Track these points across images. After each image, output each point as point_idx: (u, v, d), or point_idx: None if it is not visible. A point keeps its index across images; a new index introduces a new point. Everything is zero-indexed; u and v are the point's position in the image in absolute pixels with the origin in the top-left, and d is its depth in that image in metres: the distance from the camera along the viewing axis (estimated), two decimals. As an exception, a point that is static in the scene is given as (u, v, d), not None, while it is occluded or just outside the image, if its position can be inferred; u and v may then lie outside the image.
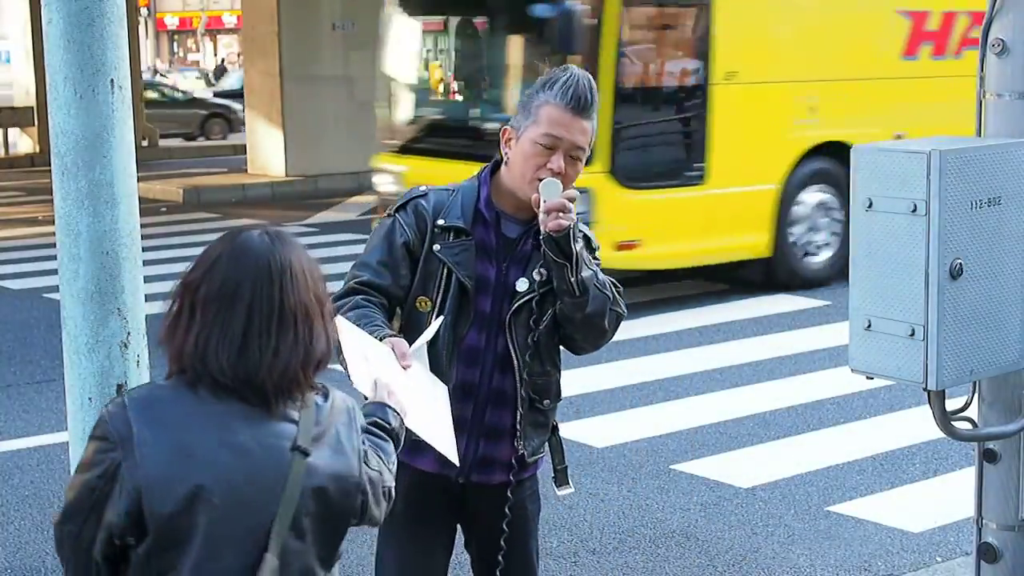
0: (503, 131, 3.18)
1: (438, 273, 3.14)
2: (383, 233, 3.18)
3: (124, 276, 3.24)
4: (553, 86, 3.09)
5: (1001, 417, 3.64)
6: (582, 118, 3.09)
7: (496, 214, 3.18)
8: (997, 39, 3.54)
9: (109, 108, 3.17)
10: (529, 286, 3.16)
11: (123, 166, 3.22)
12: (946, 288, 3.27)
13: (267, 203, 17.75)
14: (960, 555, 5.31)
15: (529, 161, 3.09)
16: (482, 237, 3.16)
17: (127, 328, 3.25)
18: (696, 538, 5.61)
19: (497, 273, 3.16)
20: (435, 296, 3.14)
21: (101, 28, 3.14)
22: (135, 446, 2.24)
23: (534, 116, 3.09)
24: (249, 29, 20.55)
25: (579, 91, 3.08)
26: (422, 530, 3.28)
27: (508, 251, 3.18)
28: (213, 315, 2.28)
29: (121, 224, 3.22)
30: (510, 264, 3.17)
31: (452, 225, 3.14)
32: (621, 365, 8.43)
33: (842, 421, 7.25)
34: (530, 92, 3.17)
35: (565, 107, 3.07)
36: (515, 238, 3.18)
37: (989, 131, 3.61)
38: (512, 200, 3.17)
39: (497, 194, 3.19)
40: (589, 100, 3.09)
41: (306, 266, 2.37)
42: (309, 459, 2.32)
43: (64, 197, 3.20)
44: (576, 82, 3.09)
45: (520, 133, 3.12)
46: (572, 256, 3.07)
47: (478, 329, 3.16)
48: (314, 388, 2.42)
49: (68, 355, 3.26)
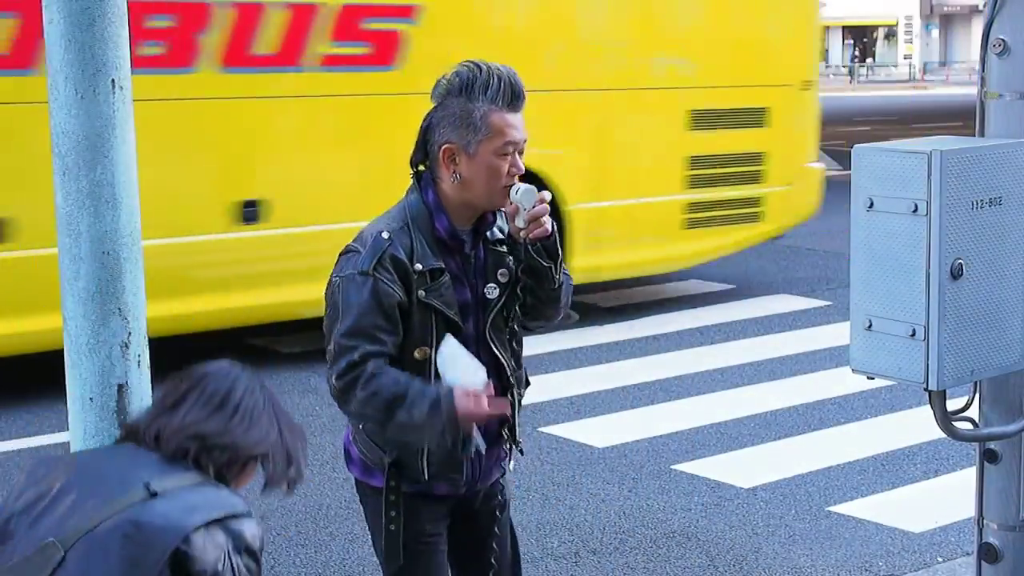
0: (445, 150, 3.05)
1: (427, 319, 3.07)
2: (367, 297, 3.00)
3: (125, 276, 3.24)
4: (485, 91, 3.01)
5: (1002, 417, 3.64)
6: (521, 111, 3.07)
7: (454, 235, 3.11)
8: (998, 39, 3.55)
9: (110, 108, 3.17)
10: (498, 291, 3.16)
11: (124, 166, 3.22)
12: (947, 288, 3.27)
13: (268, 203, 17.73)
14: (961, 555, 5.31)
15: (497, 174, 3.04)
16: (451, 266, 3.11)
17: (128, 328, 3.25)
18: (697, 538, 5.61)
19: (472, 291, 3.15)
20: (430, 341, 3.08)
21: (102, 28, 3.14)
22: None
23: (484, 128, 3.01)
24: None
25: (514, 88, 3.03)
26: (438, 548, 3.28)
27: (470, 266, 3.16)
28: None
29: (122, 224, 3.22)
30: (477, 278, 3.16)
31: (427, 268, 3.05)
32: (622, 365, 8.43)
33: (843, 421, 7.25)
34: (450, 103, 3.05)
35: (507, 107, 3.03)
36: (470, 251, 3.15)
37: (990, 131, 3.61)
38: (464, 214, 3.12)
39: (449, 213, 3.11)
40: (522, 90, 3.05)
41: None
42: None
43: (65, 197, 3.20)
44: (503, 78, 3.02)
45: (472, 149, 3.02)
46: (558, 256, 3.09)
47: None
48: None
49: (69, 355, 3.26)
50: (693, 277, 11.38)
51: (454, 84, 3.04)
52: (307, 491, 6.20)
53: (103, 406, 3.24)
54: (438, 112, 3.06)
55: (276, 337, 9.28)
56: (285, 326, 9.17)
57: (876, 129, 27.58)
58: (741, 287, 10.99)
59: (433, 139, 3.07)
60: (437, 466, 3.13)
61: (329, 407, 7.57)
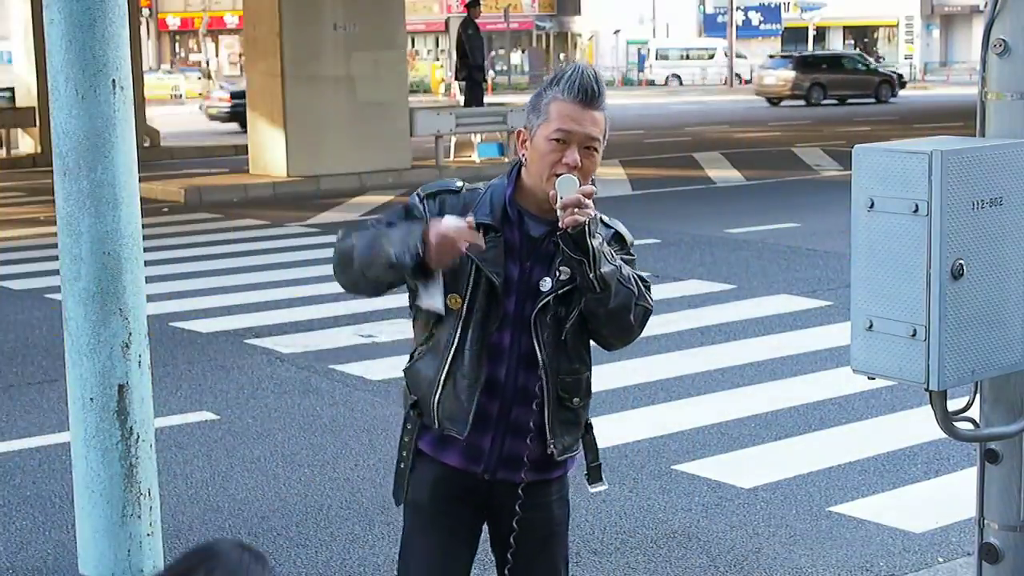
0: (518, 133, 3.21)
1: (466, 270, 3.14)
2: (401, 208, 3.20)
3: (126, 277, 3.25)
4: (559, 82, 3.13)
5: (1003, 417, 3.64)
6: (592, 109, 3.11)
7: (519, 213, 3.19)
8: (999, 39, 3.54)
9: (111, 108, 3.18)
10: (552, 285, 3.16)
11: (125, 166, 3.23)
12: (948, 288, 3.27)
13: (268, 203, 17.75)
14: (962, 555, 5.31)
15: (545, 159, 3.11)
16: (508, 236, 3.18)
17: (128, 328, 3.25)
18: (698, 538, 5.61)
19: (521, 272, 3.18)
20: (464, 293, 3.14)
21: (103, 28, 3.14)
22: None
23: (544, 114, 3.12)
24: (251, 29, 20.56)
25: (584, 83, 3.10)
26: (446, 523, 3.27)
27: (532, 250, 3.19)
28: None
29: (123, 225, 3.23)
30: (533, 263, 3.18)
31: (480, 222, 3.13)
32: (622, 365, 8.43)
33: (844, 421, 7.25)
34: (538, 91, 3.21)
35: (573, 100, 3.09)
36: (538, 237, 3.19)
37: (991, 131, 3.61)
38: (534, 199, 3.18)
39: (520, 194, 3.21)
40: (596, 91, 3.11)
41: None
42: None
43: (66, 197, 3.20)
44: (581, 74, 3.12)
45: (533, 132, 3.14)
46: (589, 252, 3.06)
47: (503, 328, 3.17)
48: None
49: (69, 355, 3.26)
50: (693, 277, 11.38)
51: (550, 77, 3.20)
52: (308, 491, 6.20)
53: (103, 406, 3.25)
54: (529, 100, 3.23)
55: (276, 337, 9.29)
56: (285, 326, 9.19)
57: (876, 129, 27.58)
58: (741, 287, 10.99)
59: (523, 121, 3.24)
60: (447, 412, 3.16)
61: (329, 407, 7.57)
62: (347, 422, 7.28)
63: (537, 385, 3.17)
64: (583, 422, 3.31)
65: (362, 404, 7.60)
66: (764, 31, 67.09)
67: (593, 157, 3.14)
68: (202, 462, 6.68)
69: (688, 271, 11.68)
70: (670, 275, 11.38)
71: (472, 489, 3.25)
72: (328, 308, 10.21)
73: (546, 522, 3.30)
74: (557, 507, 3.33)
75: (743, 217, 15.09)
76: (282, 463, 6.63)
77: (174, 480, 6.29)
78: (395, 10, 20.79)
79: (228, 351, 9.04)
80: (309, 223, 15.55)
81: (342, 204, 17.28)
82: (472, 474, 3.22)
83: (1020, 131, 3.53)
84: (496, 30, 51.60)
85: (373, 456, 6.63)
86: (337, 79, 19.63)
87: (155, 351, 3.91)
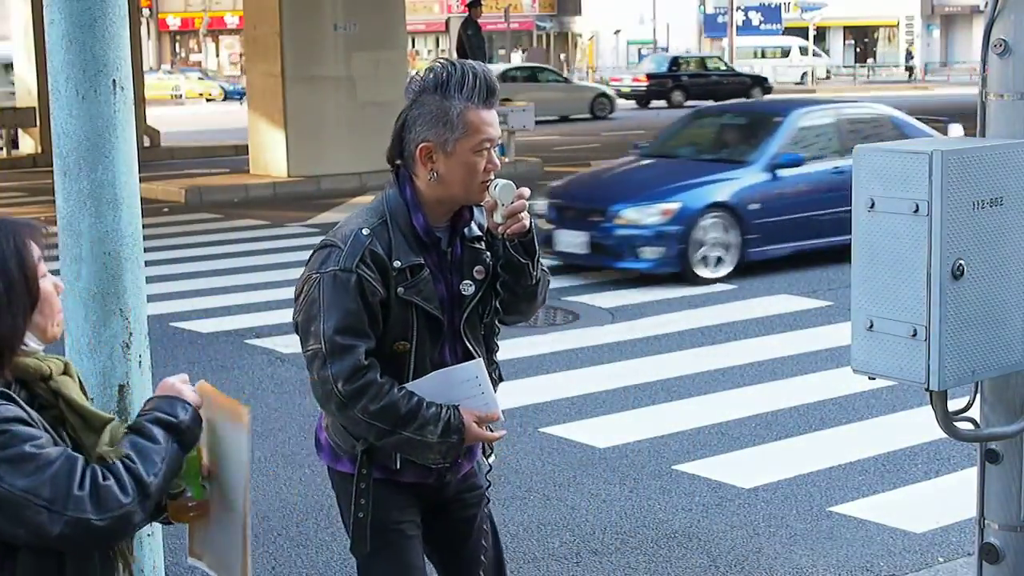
0: (421, 149, 3.05)
1: (406, 314, 3.08)
2: (353, 295, 3.01)
3: (126, 277, 3.25)
4: (460, 89, 3.01)
5: (1003, 417, 3.64)
6: (495, 106, 3.08)
7: (436, 234, 3.14)
8: (999, 39, 3.54)
9: (111, 109, 3.18)
10: (475, 288, 3.17)
11: (125, 166, 3.22)
12: (948, 288, 3.27)
13: (269, 203, 17.75)
14: (962, 556, 5.30)
15: (474, 171, 3.06)
16: (430, 263, 3.13)
17: (129, 329, 3.26)
18: (698, 538, 5.61)
19: (447, 286, 3.17)
20: (410, 335, 3.10)
21: (103, 28, 3.14)
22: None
23: (460, 126, 3.02)
24: (251, 30, 20.56)
25: (489, 84, 3.04)
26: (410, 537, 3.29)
27: (449, 262, 3.17)
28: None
29: (123, 225, 3.23)
30: (453, 273, 3.17)
31: (407, 264, 3.07)
32: (623, 365, 8.43)
33: (844, 421, 7.25)
34: (426, 100, 3.04)
35: (483, 105, 3.03)
36: (447, 247, 3.17)
37: (991, 131, 3.61)
38: (439, 211, 3.13)
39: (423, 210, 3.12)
40: (496, 85, 3.07)
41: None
42: None
43: (66, 198, 3.20)
44: (483, 77, 3.03)
45: (450, 146, 3.03)
46: (536, 254, 3.10)
47: (444, 345, 3.18)
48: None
49: (70, 355, 3.26)
50: (694, 277, 11.38)
51: (428, 81, 3.04)
52: (308, 491, 6.20)
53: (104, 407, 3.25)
54: (413, 110, 3.06)
55: (276, 337, 9.29)
56: (285, 326, 9.16)
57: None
58: (742, 287, 10.99)
59: (409, 137, 3.08)
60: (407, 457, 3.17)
61: (330, 407, 7.57)
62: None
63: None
64: None
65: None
66: (764, 31, 67.08)
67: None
68: (202, 462, 6.68)
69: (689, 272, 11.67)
70: (670, 275, 11.37)
71: (422, 494, 3.31)
72: (328, 308, 10.19)
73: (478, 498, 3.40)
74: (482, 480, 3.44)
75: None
76: (282, 463, 6.63)
77: (174, 480, 6.28)
78: (395, 10, 20.79)
79: (228, 351, 9.04)
80: (309, 223, 15.55)
81: (342, 204, 17.28)
82: (424, 484, 3.28)
83: (1020, 131, 3.53)
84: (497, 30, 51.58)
85: (373, 456, 6.62)
86: (337, 79, 19.63)
87: (155, 351, 3.91)
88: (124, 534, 2.38)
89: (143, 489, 2.36)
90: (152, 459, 2.40)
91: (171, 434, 2.45)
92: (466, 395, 3.10)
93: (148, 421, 2.47)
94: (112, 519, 2.31)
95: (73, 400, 2.47)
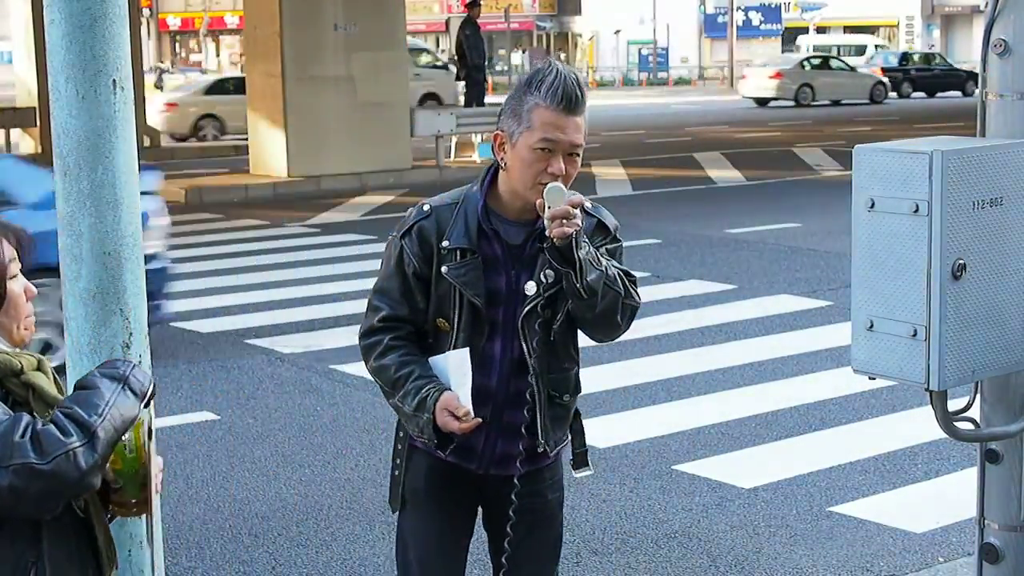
0: (495, 136, 3.16)
1: (451, 294, 3.16)
2: (394, 262, 3.22)
3: (126, 277, 3.25)
4: (540, 87, 3.06)
5: (1003, 417, 3.64)
6: (575, 115, 3.07)
7: (496, 225, 3.17)
8: (999, 39, 3.54)
9: (111, 108, 3.17)
10: (537, 289, 3.16)
11: (125, 166, 3.22)
12: (948, 288, 3.27)
13: (269, 203, 17.75)
14: (962, 556, 5.31)
15: (530, 168, 3.08)
16: (487, 250, 3.16)
17: (129, 329, 3.25)
18: (698, 538, 5.61)
19: (507, 281, 3.18)
20: (452, 315, 3.18)
21: (103, 28, 3.14)
22: None
23: (527, 121, 3.07)
24: (251, 30, 20.57)
25: (568, 90, 3.05)
26: (443, 506, 3.33)
27: (515, 257, 3.18)
28: None
29: (123, 225, 3.22)
30: (519, 270, 3.18)
31: (456, 246, 3.14)
32: (623, 365, 8.43)
33: (844, 421, 7.25)
34: (516, 93, 3.13)
35: (556, 107, 3.04)
36: (520, 243, 3.18)
37: (991, 131, 3.61)
38: (514, 204, 3.17)
39: (497, 200, 3.19)
40: (580, 97, 3.07)
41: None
42: None
43: (66, 198, 3.20)
44: (564, 81, 3.05)
45: (515, 139, 3.09)
46: (576, 264, 3.05)
47: (494, 338, 3.20)
48: None
49: (70, 355, 3.26)
50: (693, 277, 11.38)
51: (526, 76, 3.14)
52: (308, 491, 6.20)
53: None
54: (506, 101, 3.17)
55: (276, 337, 9.29)
56: (285, 326, 9.18)
57: (877, 129, 27.58)
58: (742, 287, 10.99)
59: (497, 124, 3.18)
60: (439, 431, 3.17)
61: (330, 407, 7.57)
62: (347, 422, 7.28)
63: (528, 389, 3.21)
64: (572, 413, 3.36)
65: (362, 404, 7.60)
66: (764, 31, 67.07)
67: (576, 163, 3.13)
68: (202, 462, 6.68)
69: (688, 271, 11.68)
70: (670, 275, 11.38)
71: (466, 477, 3.32)
72: (328, 308, 10.21)
73: (540, 507, 3.36)
74: (551, 492, 3.40)
75: (743, 217, 15.09)
76: (282, 463, 6.63)
77: (174, 480, 6.29)
78: (395, 10, 20.80)
79: (228, 351, 9.04)
80: (309, 223, 15.54)
81: (342, 204, 17.29)
82: (467, 469, 3.29)
83: (1020, 131, 3.53)
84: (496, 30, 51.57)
85: (373, 456, 6.62)
86: (337, 79, 19.63)
87: (155, 351, 3.91)
88: (75, 478, 2.35)
89: (86, 430, 2.36)
90: (92, 403, 2.41)
91: (117, 383, 2.48)
92: (455, 382, 3.13)
93: (89, 376, 2.51)
94: (55, 461, 2.31)
95: (44, 391, 2.50)
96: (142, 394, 2.52)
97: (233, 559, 5.47)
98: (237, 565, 5.41)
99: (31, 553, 2.43)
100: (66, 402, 2.43)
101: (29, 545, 2.43)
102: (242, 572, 5.36)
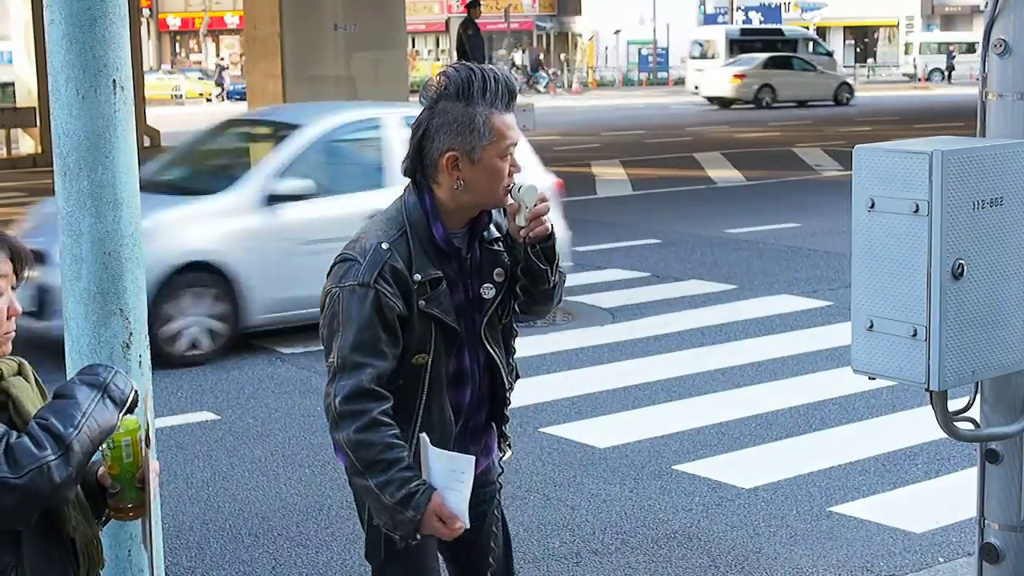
0: (448, 158, 3.00)
1: (429, 328, 3.06)
2: (368, 311, 2.97)
3: (126, 277, 3.25)
4: (483, 95, 2.98)
5: (1003, 417, 3.64)
6: (513, 109, 3.07)
7: (458, 243, 3.12)
8: (999, 39, 3.54)
9: (111, 108, 3.18)
10: (494, 290, 3.16)
11: (125, 166, 3.23)
12: (948, 288, 3.27)
13: (269, 203, 17.72)
14: (962, 556, 5.31)
15: (500, 176, 3.04)
16: (448, 271, 3.10)
17: (129, 328, 3.26)
18: (698, 539, 5.61)
19: (467, 293, 3.15)
20: (428, 347, 3.07)
21: (103, 28, 3.15)
22: None
23: (487, 133, 2.99)
24: (251, 30, 20.55)
25: (509, 88, 3.03)
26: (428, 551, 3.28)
27: (468, 267, 3.15)
28: None
29: (123, 225, 3.23)
30: (472, 277, 3.16)
31: (428, 278, 3.04)
32: (623, 365, 8.43)
33: (844, 421, 7.25)
34: (450, 109, 2.99)
35: (505, 109, 3.02)
36: (466, 253, 3.14)
37: (991, 131, 3.61)
38: (461, 216, 3.11)
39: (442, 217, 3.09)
40: (515, 87, 3.06)
41: None
42: None
43: (66, 198, 3.21)
44: (503, 81, 3.01)
45: (477, 154, 3.00)
46: (555, 258, 3.10)
47: (461, 353, 3.16)
48: None
49: (70, 355, 3.26)
50: (693, 277, 11.38)
51: (448, 88, 3.00)
52: (308, 491, 6.20)
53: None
54: (434, 119, 3.02)
55: (276, 337, 9.28)
56: (285, 326, 9.17)
57: (877, 129, 27.58)
58: (742, 287, 10.99)
59: (432, 147, 3.03)
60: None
61: (330, 407, 7.56)
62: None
63: (496, 387, 3.24)
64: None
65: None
66: (764, 31, 67.07)
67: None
68: (203, 462, 6.68)
69: (688, 271, 11.68)
70: (670, 275, 11.38)
71: None
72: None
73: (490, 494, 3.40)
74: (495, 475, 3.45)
75: (743, 217, 15.09)
76: (282, 463, 6.63)
77: (175, 480, 6.29)
78: (395, 10, 20.79)
79: (228, 351, 9.04)
80: (309, 223, 15.51)
81: (342, 204, 17.26)
82: None
83: (1020, 131, 3.53)
84: (497, 30, 51.59)
85: (373, 456, 6.62)
86: (337, 79, 19.60)
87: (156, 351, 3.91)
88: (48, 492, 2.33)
89: (60, 442, 2.33)
90: (69, 414, 2.38)
91: (96, 391, 2.46)
92: (449, 485, 2.96)
93: (68, 383, 2.49)
94: (29, 475, 2.29)
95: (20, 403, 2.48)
96: (121, 402, 2.49)
97: (233, 559, 5.47)
98: (237, 565, 5.41)
99: (9, 557, 2.41)
100: (43, 412, 2.40)
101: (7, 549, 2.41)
102: (242, 572, 5.36)
